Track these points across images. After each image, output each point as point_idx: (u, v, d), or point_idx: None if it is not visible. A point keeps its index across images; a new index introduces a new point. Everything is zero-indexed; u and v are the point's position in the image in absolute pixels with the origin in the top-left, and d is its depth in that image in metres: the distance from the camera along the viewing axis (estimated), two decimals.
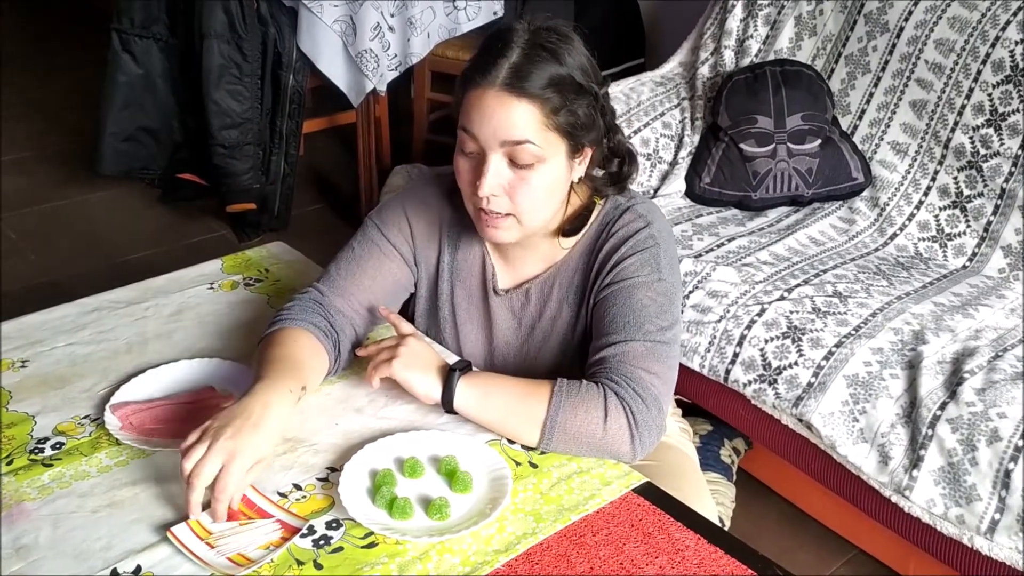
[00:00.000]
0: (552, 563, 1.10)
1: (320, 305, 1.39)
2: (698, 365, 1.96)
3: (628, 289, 1.33)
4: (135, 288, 1.65)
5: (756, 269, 2.07)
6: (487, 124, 1.23)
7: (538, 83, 1.22)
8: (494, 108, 1.22)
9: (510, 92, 1.22)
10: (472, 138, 1.25)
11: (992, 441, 1.61)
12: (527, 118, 1.23)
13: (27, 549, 1.09)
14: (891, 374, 1.77)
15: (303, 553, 1.09)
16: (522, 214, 1.29)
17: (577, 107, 1.25)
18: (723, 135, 2.39)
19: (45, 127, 4.05)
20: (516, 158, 1.25)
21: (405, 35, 3.01)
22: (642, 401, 1.24)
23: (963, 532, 1.62)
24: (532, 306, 1.45)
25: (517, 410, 1.26)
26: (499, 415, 1.27)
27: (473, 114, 1.24)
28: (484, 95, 1.23)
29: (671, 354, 1.32)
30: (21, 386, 1.38)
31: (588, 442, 1.24)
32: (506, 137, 1.23)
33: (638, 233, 1.37)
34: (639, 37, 3.51)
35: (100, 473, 1.21)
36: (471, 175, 1.28)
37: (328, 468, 1.23)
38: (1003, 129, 2.18)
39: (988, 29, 2.22)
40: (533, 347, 1.47)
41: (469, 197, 1.31)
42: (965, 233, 2.21)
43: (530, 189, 1.27)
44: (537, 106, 1.22)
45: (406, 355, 1.28)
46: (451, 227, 1.46)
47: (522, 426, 1.26)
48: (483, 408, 1.27)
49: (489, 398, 1.27)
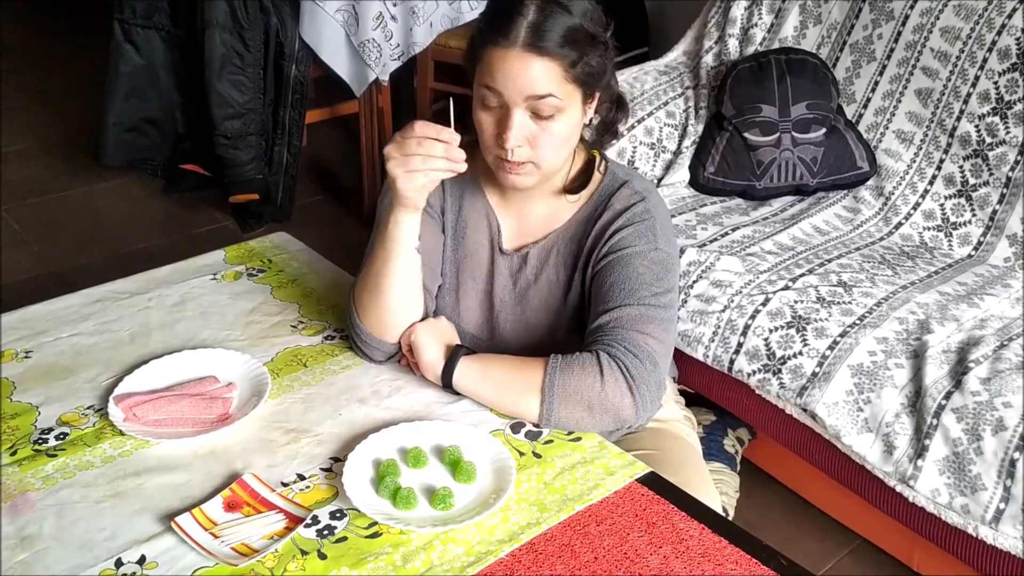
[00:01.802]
0: (556, 553, 1.10)
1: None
2: (702, 355, 1.96)
3: (624, 259, 1.38)
4: (138, 279, 1.65)
5: (760, 259, 2.06)
6: (512, 83, 1.29)
7: (556, 39, 1.27)
8: (518, 68, 1.28)
9: (531, 51, 1.27)
10: (496, 94, 1.31)
11: (997, 431, 1.61)
12: (548, 74, 1.29)
13: (32, 539, 1.10)
14: (896, 363, 1.77)
15: (307, 543, 1.09)
16: (542, 160, 1.35)
17: (591, 57, 1.32)
18: (727, 124, 2.38)
19: (48, 118, 4.05)
20: (539, 110, 1.31)
21: (407, 25, 3.00)
22: (636, 357, 1.27)
23: (968, 522, 1.62)
24: (528, 270, 1.47)
25: (515, 380, 1.30)
26: (497, 387, 1.31)
27: (497, 74, 1.29)
28: (507, 55, 1.28)
29: (666, 317, 1.35)
30: (25, 377, 1.38)
31: (588, 403, 1.26)
32: (530, 92, 1.29)
33: (634, 207, 1.42)
34: (643, 26, 3.50)
35: (104, 463, 1.22)
36: (494, 128, 1.33)
37: (332, 458, 1.23)
38: (1009, 117, 2.17)
39: (994, 16, 2.21)
40: (528, 310, 1.49)
41: (492, 148, 1.36)
42: (971, 222, 2.20)
43: (551, 137, 1.33)
44: (557, 62, 1.28)
45: (430, 323, 1.37)
46: (453, 188, 1.50)
47: (521, 396, 1.29)
48: (482, 382, 1.32)
49: (488, 371, 1.32)
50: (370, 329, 1.39)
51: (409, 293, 1.38)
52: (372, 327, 1.39)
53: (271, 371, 1.38)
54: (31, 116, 4.06)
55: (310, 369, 1.41)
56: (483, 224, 1.49)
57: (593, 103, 1.38)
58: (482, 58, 1.31)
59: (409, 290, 1.38)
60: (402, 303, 1.38)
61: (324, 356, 1.44)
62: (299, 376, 1.40)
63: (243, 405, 1.32)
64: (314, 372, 1.41)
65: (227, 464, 1.22)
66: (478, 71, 1.33)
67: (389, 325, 1.38)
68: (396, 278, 1.36)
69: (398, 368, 1.41)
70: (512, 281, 1.49)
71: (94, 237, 3.18)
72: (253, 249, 1.76)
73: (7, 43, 4.92)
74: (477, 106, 1.35)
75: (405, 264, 1.35)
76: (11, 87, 4.35)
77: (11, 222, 3.24)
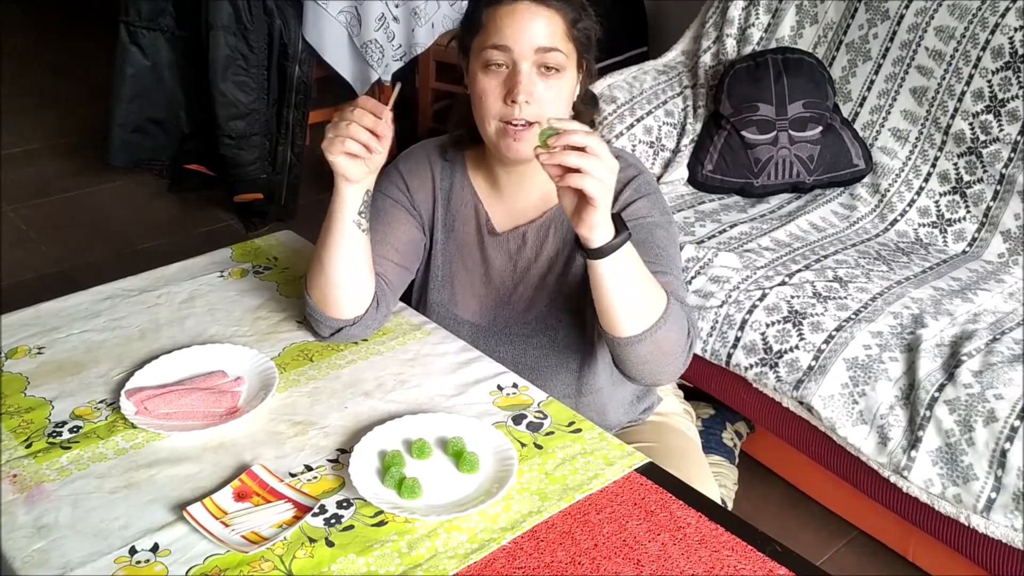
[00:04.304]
0: (557, 540, 1.12)
1: None
2: (700, 349, 1.99)
3: (648, 227, 1.42)
4: (147, 276, 1.68)
5: (757, 255, 2.09)
6: (523, 34, 1.33)
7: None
8: (527, 19, 1.33)
9: (538, 2, 1.34)
10: (503, 51, 1.34)
11: (989, 422, 1.64)
12: (554, 27, 1.35)
13: (48, 528, 1.13)
14: (890, 357, 1.80)
15: (315, 531, 1.12)
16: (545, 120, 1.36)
17: (586, 21, 1.39)
18: (725, 123, 2.41)
19: (54, 119, 4.08)
20: (545, 63, 1.35)
21: (410, 25, 3.03)
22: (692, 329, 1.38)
23: (960, 511, 1.65)
24: (528, 248, 1.50)
25: (649, 288, 1.28)
26: (640, 284, 1.26)
27: (505, 29, 1.34)
28: (515, 8, 1.34)
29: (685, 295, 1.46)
30: (38, 372, 1.41)
31: (674, 345, 1.32)
32: (540, 43, 1.34)
33: (634, 180, 1.46)
34: (642, 26, 3.53)
35: (117, 455, 1.24)
36: (501, 88, 1.36)
37: (338, 450, 1.26)
38: (1002, 115, 2.20)
39: (988, 16, 2.24)
40: (528, 287, 1.52)
41: (496, 113, 1.37)
42: (965, 219, 2.23)
43: (555, 95, 1.37)
44: (561, 15, 1.35)
45: (599, 165, 1.15)
46: (442, 175, 1.53)
47: (645, 302, 1.27)
48: (634, 269, 1.25)
49: (637, 263, 1.25)
50: (315, 302, 1.43)
51: (353, 268, 1.38)
52: (316, 300, 1.43)
53: (278, 365, 1.41)
54: (37, 117, 4.10)
55: (316, 364, 1.44)
56: (470, 214, 1.53)
57: (583, 75, 1.43)
58: (484, 22, 1.36)
59: (353, 265, 1.38)
60: (345, 279, 1.38)
61: (330, 351, 1.47)
62: (306, 370, 1.42)
63: (251, 399, 1.35)
64: (320, 367, 1.43)
65: (236, 456, 1.25)
66: (480, 38, 1.37)
67: (332, 299, 1.41)
68: (338, 251, 1.36)
69: (403, 362, 1.44)
70: (512, 262, 1.51)
71: (100, 236, 3.21)
72: (259, 247, 1.79)
73: (13, 46, 4.95)
74: (479, 74, 1.37)
75: (346, 237, 1.35)
76: (17, 89, 4.38)
77: (18, 222, 3.27)
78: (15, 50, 4.88)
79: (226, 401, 1.34)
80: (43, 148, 3.83)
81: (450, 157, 1.53)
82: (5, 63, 4.66)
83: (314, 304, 1.44)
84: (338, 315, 1.43)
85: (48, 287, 1.92)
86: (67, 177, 3.59)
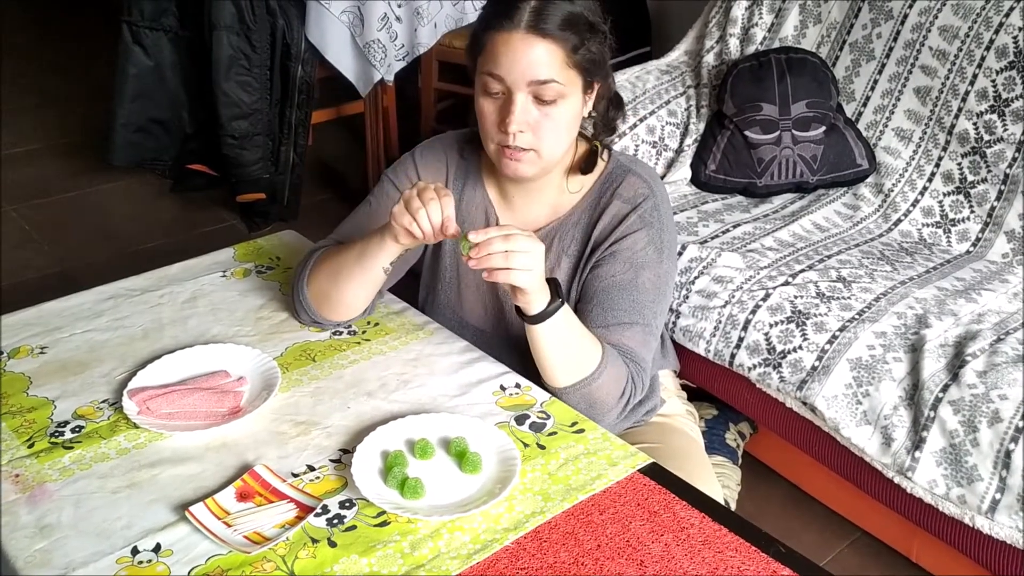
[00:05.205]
0: (560, 540, 1.12)
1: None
2: (703, 350, 1.98)
3: (637, 267, 1.42)
4: (150, 276, 1.68)
5: (761, 255, 2.09)
6: (516, 66, 1.31)
7: (557, 23, 1.30)
8: (522, 50, 1.31)
9: (534, 34, 1.30)
10: (498, 80, 1.33)
11: (993, 422, 1.63)
12: (551, 58, 1.31)
13: (50, 528, 1.13)
14: (894, 357, 1.79)
15: (317, 531, 1.12)
16: (543, 148, 1.37)
17: (591, 44, 1.35)
18: (728, 123, 2.40)
19: (57, 119, 4.08)
20: (541, 95, 1.33)
21: (412, 25, 3.03)
22: (640, 384, 1.41)
23: (964, 512, 1.65)
24: None
25: (582, 346, 1.35)
26: (572, 343, 1.35)
27: (501, 58, 1.32)
28: (510, 38, 1.31)
29: (656, 339, 1.48)
30: (41, 371, 1.41)
31: (609, 396, 1.37)
32: (533, 77, 1.31)
33: (643, 204, 1.45)
34: (645, 26, 3.53)
35: (119, 455, 1.25)
36: (496, 115, 1.36)
37: (341, 450, 1.26)
38: (1007, 115, 2.19)
39: (992, 15, 2.23)
40: None
41: (493, 136, 1.38)
42: (969, 219, 2.23)
43: (553, 124, 1.35)
44: (559, 45, 1.31)
45: (523, 257, 1.24)
46: (456, 174, 1.54)
47: (576, 359, 1.35)
48: (567, 331, 1.34)
49: (571, 325, 1.34)
50: (310, 296, 1.46)
51: (363, 295, 1.46)
52: (313, 295, 1.46)
53: (280, 365, 1.41)
54: (38, 117, 4.10)
55: (319, 364, 1.44)
56: (481, 218, 1.53)
57: (593, 95, 1.41)
58: (484, 45, 1.34)
59: (364, 292, 1.45)
60: (351, 299, 1.46)
61: (332, 351, 1.47)
62: (308, 370, 1.42)
63: (254, 399, 1.35)
64: (323, 367, 1.43)
65: (239, 456, 1.25)
66: (480, 60, 1.36)
67: (330, 305, 1.47)
68: (356, 283, 1.43)
69: (405, 362, 1.44)
70: None
71: (102, 236, 3.21)
72: (262, 247, 1.79)
73: (14, 45, 4.95)
74: (479, 95, 1.37)
75: (368, 275, 1.42)
76: (18, 88, 4.38)
77: (20, 222, 3.27)
78: (15, 49, 4.88)
79: (228, 401, 1.34)
80: (44, 148, 3.83)
81: (467, 156, 1.53)
82: (5, 62, 4.66)
83: (309, 300, 1.46)
84: (330, 318, 1.49)
85: (50, 287, 1.92)
86: (68, 177, 3.59)
